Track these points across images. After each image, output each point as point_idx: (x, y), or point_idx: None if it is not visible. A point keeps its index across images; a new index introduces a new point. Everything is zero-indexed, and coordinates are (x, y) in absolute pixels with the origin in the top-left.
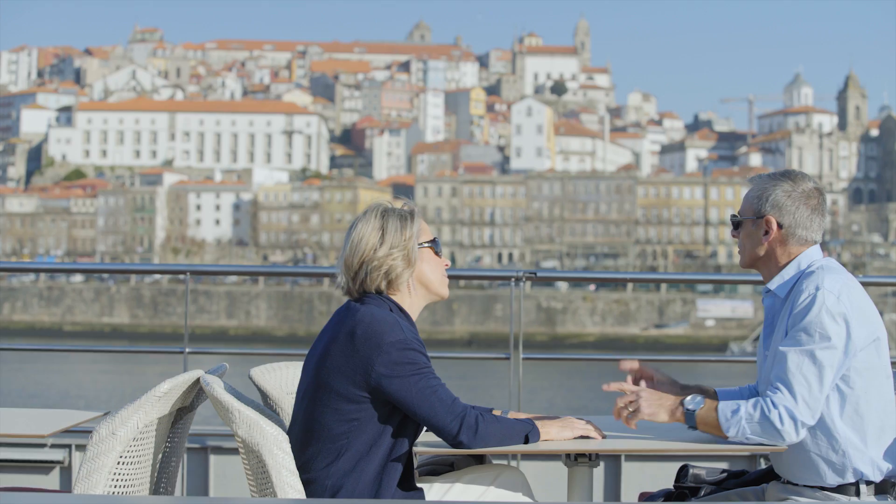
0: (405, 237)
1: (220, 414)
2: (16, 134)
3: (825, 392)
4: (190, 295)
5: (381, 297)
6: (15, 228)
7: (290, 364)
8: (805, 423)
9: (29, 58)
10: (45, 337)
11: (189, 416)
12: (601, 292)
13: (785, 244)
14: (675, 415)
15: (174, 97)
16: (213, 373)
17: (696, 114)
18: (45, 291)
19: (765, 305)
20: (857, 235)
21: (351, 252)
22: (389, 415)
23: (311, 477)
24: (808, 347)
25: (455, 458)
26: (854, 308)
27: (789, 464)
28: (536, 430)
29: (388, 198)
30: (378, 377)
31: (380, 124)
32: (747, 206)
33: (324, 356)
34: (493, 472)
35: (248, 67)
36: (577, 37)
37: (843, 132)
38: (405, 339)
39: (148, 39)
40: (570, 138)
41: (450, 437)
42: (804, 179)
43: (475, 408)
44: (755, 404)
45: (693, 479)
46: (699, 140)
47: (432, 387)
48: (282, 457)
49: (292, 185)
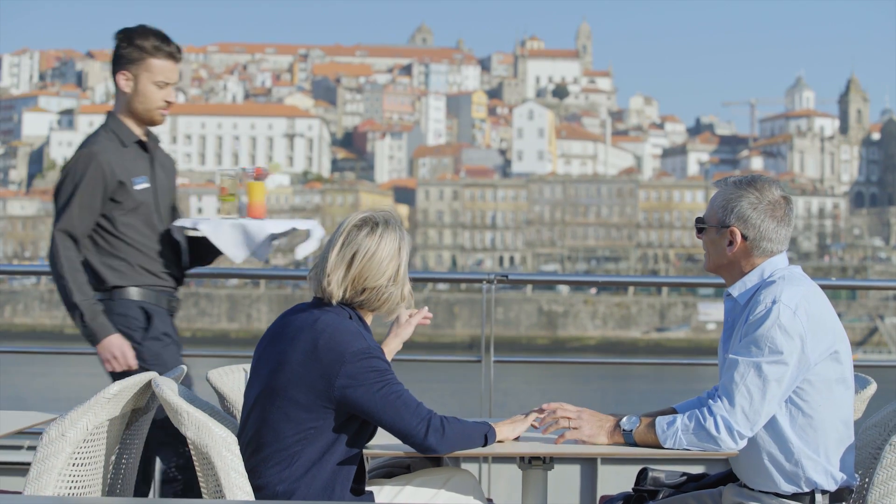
0: (404, 272)
1: (170, 416)
2: (17, 137)
3: (768, 405)
4: (191, 298)
5: (343, 306)
6: (16, 231)
7: (247, 366)
8: (742, 433)
9: (31, 61)
10: (45, 340)
11: (145, 417)
12: (602, 296)
13: (749, 255)
14: (614, 437)
15: (175, 100)
16: (169, 375)
17: (698, 117)
18: (46, 294)
19: (725, 308)
20: (858, 239)
21: (360, 272)
22: (346, 423)
23: (263, 482)
24: (755, 359)
25: (411, 461)
26: (811, 323)
27: (746, 469)
28: (493, 430)
29: (388, 203)
30: (342, 388)
31: (381, 127)
32: (712, 213)
33: (281, 364)
34: (445, 474)
35: (250, 70)
36: (578, 40)
37: (844, 136)
38: (367, 348)
39: None
40: (571, 142)
41: (417, 441)
42: (770, 188)
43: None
44: (690, 416)
45: (652, 482)
46: (701, 144)
47: (397, 392)
48: (230, 458)
49: (294, 189)
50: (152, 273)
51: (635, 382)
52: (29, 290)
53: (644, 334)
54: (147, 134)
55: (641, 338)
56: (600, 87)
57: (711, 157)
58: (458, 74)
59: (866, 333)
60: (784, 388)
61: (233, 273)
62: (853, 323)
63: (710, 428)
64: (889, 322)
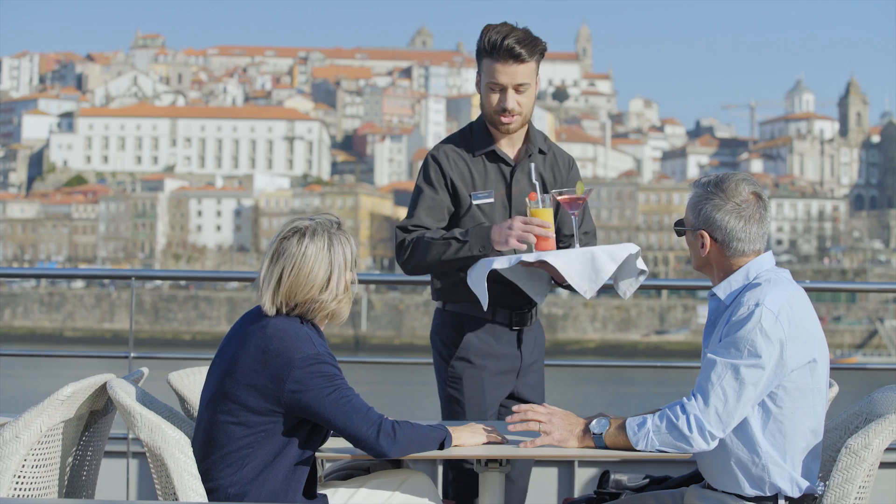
0: (350, 278)
1: (123, 418)
2: (17, 140)
3: (742, 408)
4: (191, 301)
5: (286, 314)
6: (16, 234)
7: (207, 369)
8: (714, 434)
9: (31, 63)
10: (45, 343)
11: (105, 419)
12: (602, 298)
13: (723, 255)
14: (584, 441)
15: (176, 103)
16: (128, 378)
17: (698, 120)
18: (45, 297)
19: (710, 308)
20: (858, 242)
21: (291, 285)
22: (297, 427)
23: (215, 485)
24: (734, 361)
25: (371, 463)
26: (793, 328)
27: (711, 469)
28: (449, 435)
29: (388, 205)
30: (291, 393)
31: (381, 130)
32: (686, 215)
33: (232, 367)
34: (400, 476)
35: (250, 73)
36: (578, 43)
37: (844, 138)
38: (316, 354)
39: (150, 45)
40: (571, 144)
41: (369, 445)
42: (738, 188)
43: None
44: (661, 416)
45: (615, 485)
46: (700, 146)
47: (346, 397)
48: (183, 460)
49: (293, 192)
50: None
51: (635, 385)
52: (29, 293)
53: (644, 337)
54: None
55: (641, 340)
56: (600, 89)
57: (711, 159)
58: (458, 77)
59: (866, 336)
60: (759, 391)
61: (232, 276)
62: (853, 326)
63: (682, 427)
64: (889, 325)
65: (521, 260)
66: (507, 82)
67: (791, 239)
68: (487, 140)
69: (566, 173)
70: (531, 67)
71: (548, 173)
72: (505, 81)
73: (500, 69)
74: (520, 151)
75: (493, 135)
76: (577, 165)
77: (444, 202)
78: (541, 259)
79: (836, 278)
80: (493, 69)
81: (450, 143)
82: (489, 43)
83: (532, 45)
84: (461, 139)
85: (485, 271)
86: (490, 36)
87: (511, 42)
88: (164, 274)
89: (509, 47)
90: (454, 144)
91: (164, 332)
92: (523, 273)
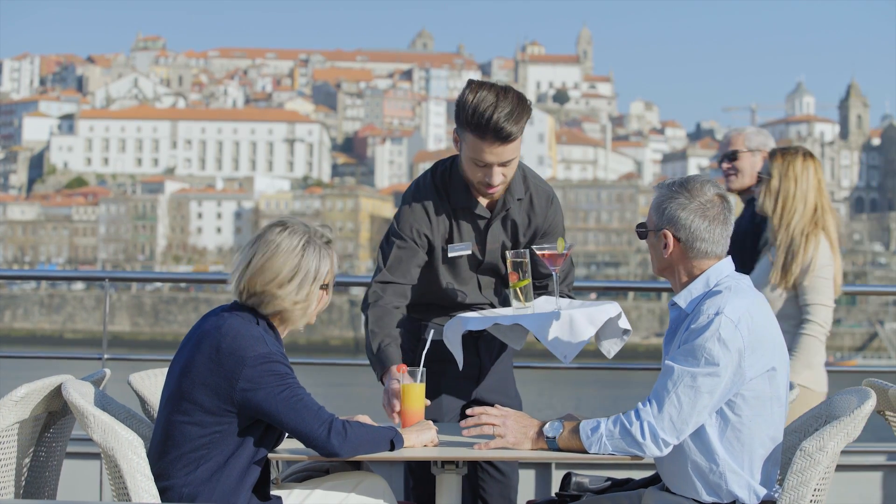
0: (311, 291)
1: (77, 419)
2: (18, 142)
3: (697, 416)
4: (191, 303)
5: (253, 312)
6: (17, 236)
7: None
8: (667, 441)
9: (31, 66)
10: (45, 344)
11: (65, 420)
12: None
13: (686, 257)
14: (538, 443)
15: (176, 105)
16: (88, 378)
17: (699, 122)
18: (45, 299)
19: (671, 317)
20: (858, 244)
21: (256, 271)
22: (251, 427)
23: (169, 484)
24: (690, 369)
25: (331, 465)
26: (752, 337)
27: (669, 472)
28: (400, 435)
29: (388, 208)
30: (243, 392)
31: (382, 133)
32: (649, 216)
33: (187, 367)
34: (355, 478)
35: (251, 75)
36: (579, 45)
37: (844, 141)
38: (268, 353)
39: (150, 47)
40: (571, 147)
41: (320, 444)
42: (703, 189)
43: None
44: (615, 420)
45: (576, 487)
46: (701, 149)
47: (298, 396)
48: (136, 461)
49: (294, 194)
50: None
51: (635, 388)
52: (29, 295)
53: (644, 339)
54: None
55: (641, 343)
56: (601, 92)
57: (712, 162)
58: (459, 79)
59: (866, 339)
60: (716, 399)
61: (204, 279)
62: (853, 328)
63: (635, 433)
64: (889, 327)
65: (497, 323)
66: (493, 161)
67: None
68: (466, 197)
69: (544, 212)
70: (518, 141)
71: (522, 218)
72: (491, 160)
73: (487, 150)
74: (495, 203)
75: (472, 192)
76: (557, 199)
77: (417, 256)
78: (516, 323)
79: None
80: (478, 147)
81: (426, 191)
82: (474, 118)
83: (520, 120)
84: (439, 188)
85: (460, 331)
86: (476, 107)
87: (500, 122)
88: (138, 276)
89: (497, 128)
90: (431, 193)
91: (165, 333)
92: (501, 326)
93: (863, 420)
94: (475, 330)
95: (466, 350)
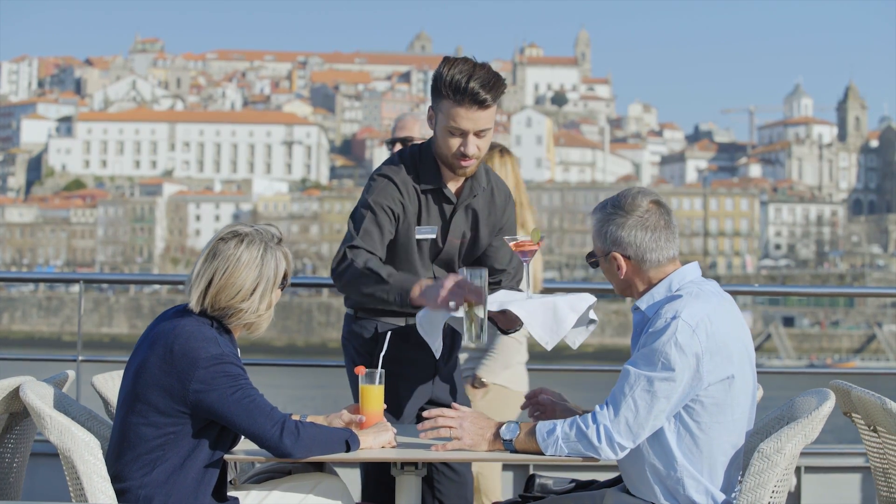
0: (274, 297)
1: (35, 420)
2: (16, 144)
3: (654, 420)
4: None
5: (207, 315)
6: (15, 238)
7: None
8: (623, 445)
9: (29, 68)
10: (44, 347)
11: (27, 422)
12: (600, 303)
13: (641, 271)
14: (495, 445)
15: (174, 107)
16: (49, 381)
17: (697, 125)
18: (44, 301)
19: (633, 321)
20: (856, 246)
21: (220, 289)
22: (205, 428)
23: (125, 486)
24: (646, 373)
25: (293, 467)
26: (711, 343)
27: (629, 474)
28: (356, 437)
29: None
30: (195, 393)
31: (380, 135)
32: (594, 244)
33: (142, 368)
34: (313, 480)
35: (249, 78)
36: (577, 47)
37: (842, 143)
38: (221, 354)
39: (148, 49)
40: (569, 149)
41: (272, 444)
42: (636, 201)
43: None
44: (572, 423)
45: (540, 489)
46: (699, 151)
47: (250, 396)
48: (93, 462)
49: (292, 196)
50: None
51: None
52: (27, 297)
53: None
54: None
55: None
56: (599, 94)
57: (710, 164)
58: None
59: (864, 341)
60: (673, 404)
61: (127, 279)
62: (851, 330)
63: (591, 437)
64: (887, 329)
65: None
66: (469, 128)
67: (789, 243)
68: (435, 178)
69: (503, 207)
70: (493, 111)
71: (484, 209)
72: (467, 127)
73: (464, 115)
74: (462, 189)
75: (442, 173)
76: (513, 199)
77: (385, 229)
78: (503, 309)
79: (835, 283)
80: (454, 114)
81: (398, 169)
82: (451, 84)
83: (496, 88)
84: (409, 168)
85: (440, 322)
86: (453, 76)
87: (476, 86)
88: (111, 277)
89: (474, 92)
90: (402, 171)
91: None
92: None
93: (821, 421)
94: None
95: (423, 348)
